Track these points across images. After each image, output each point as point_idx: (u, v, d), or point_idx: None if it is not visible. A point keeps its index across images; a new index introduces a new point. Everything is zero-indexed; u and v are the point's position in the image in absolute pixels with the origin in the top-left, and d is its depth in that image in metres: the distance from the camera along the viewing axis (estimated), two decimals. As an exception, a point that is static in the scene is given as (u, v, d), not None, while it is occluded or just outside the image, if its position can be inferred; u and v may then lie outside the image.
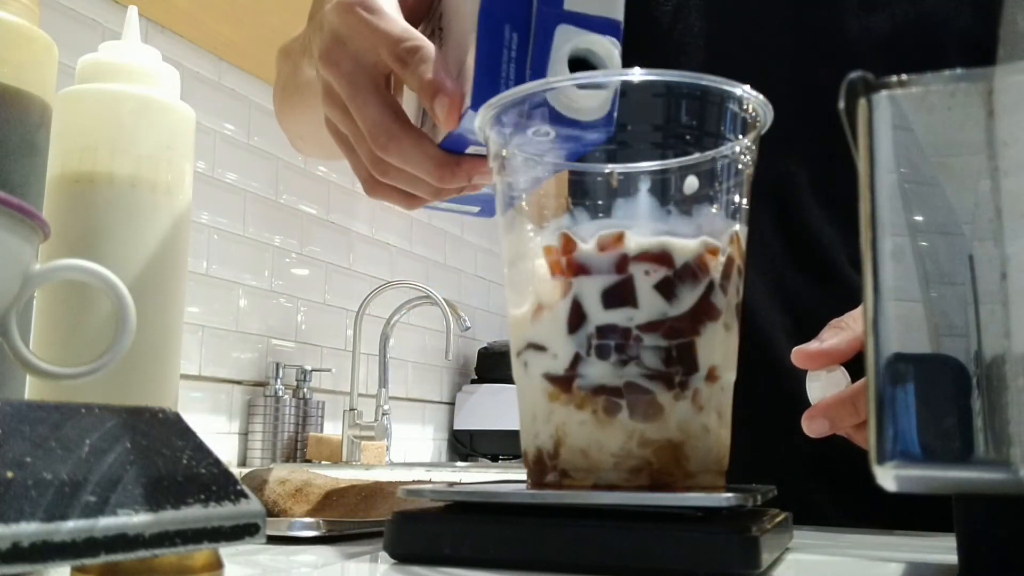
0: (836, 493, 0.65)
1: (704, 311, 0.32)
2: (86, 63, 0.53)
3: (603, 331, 0.32)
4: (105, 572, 0.26)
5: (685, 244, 0.32)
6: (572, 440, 0.33)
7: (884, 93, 0.30)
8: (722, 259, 0.33)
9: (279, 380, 2.33)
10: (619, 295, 0.31)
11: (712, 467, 0.34)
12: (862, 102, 0.31)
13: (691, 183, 0.33)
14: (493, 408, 2.90)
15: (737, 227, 0.34)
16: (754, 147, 0.35)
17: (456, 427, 3.07)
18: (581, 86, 0.33)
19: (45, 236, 0.38)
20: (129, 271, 0.49)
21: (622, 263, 0.31)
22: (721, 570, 0.33)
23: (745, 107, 0.34)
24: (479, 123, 0.36)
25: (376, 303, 2.52)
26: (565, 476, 0.34)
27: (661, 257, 0.31)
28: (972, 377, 0.29)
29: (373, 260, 2.73)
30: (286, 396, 2.33)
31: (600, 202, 0.33)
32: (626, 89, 0.33)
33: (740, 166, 0.35)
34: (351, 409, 2.46)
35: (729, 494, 0.35)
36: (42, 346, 0.49)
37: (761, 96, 0.35)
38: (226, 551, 0.30)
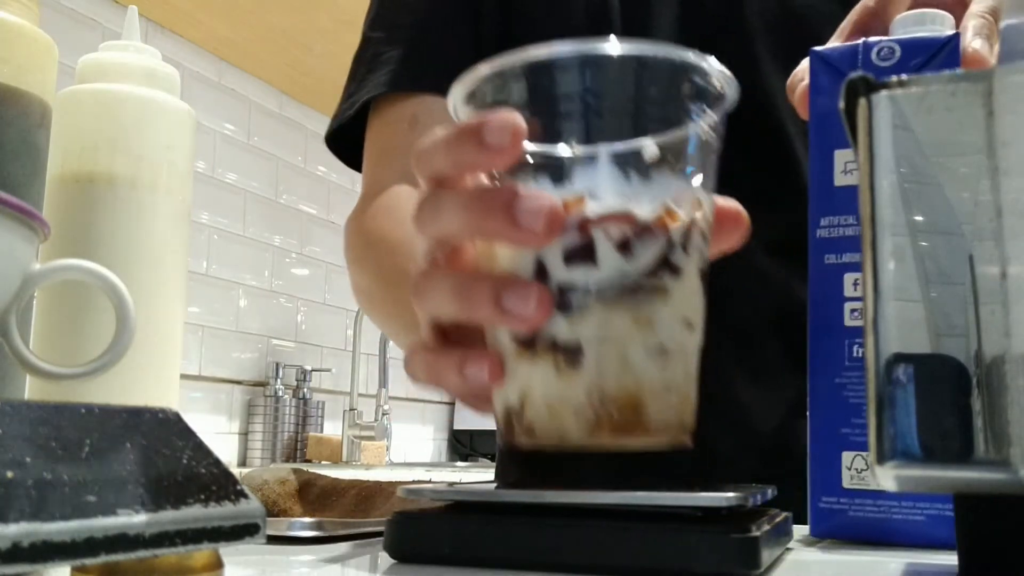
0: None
1: (663, 269, 0.33)
2: (86, 63, 0.53)
3: (564, 289, 0.32)
4: (105, 572, 0.26)
5: (645, 205, 0.33)
6: (537, 396, 0.33)
7: (884, 93, 0.30)
8: (682, 222, 0.33)
9: (279, 380, 2.33)
10: (580, 253, 0.32)
11: (674, 423, 0.34)
12: (862, 102, 0.31)
13: (651, 151, 0.33)
14: (493, 408, 2.89)
15: (699, 195, 0.35)
16: (721, 123, 0.35)
17: (456, 427, 3.07)
18: None
19: (45, 236, 0.38)
20: (129, 271, 0.49)
21: (583, 224, 0.32)
22: (721, 570, 0.33)
23: (710, 81, 0.35)
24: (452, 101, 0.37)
25: (376, 303, 2.51)
26: (532, 434, 0.34)
27: (621, 217, 0.32)
28: (972, 377, 0.29)
29: (373, 260, 2.72)
30: (286, 396, 2.33)
31: (562, 169, 0.33)
32: (595, 60, 0.34)
33: (707, 140, 0.35)
34: (351, 409, 2.46)
35: (729, 494, 0.35)
36: (42, 346, 0.49)
37: (727, 71, 0.35)
38: (226, 551, 0.30)
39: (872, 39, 0.45)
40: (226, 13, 2.06)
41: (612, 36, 0.33)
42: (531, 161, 0.34)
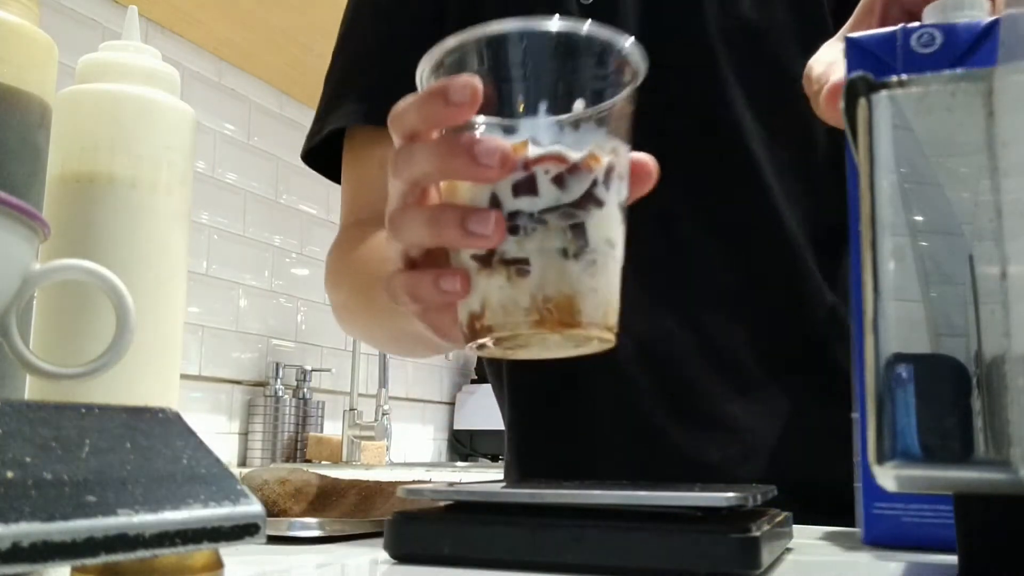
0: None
1: (590, 200, 0.41)
2: (86, 63, 0.53)
3: (513, 215, 0.40)
4: (105, 572, 0.26)
5: (575, 150, 0.41)
6: (494, 301, 0.41)
7: (884, 93, 0.30)
8: (604, 164, 0.41)
9: (279, 380, 2.33)
10: (525, 187, 0.40)
11: (600, 321, 0.41)
12: (862, 102, 0.31)
13: (578, 106, 0.41)
14: (493, 408, 2.89)
15: (616, 144, 0.42)
16: (635, 90, 0.43)
17: (456, 427, 3.07)
18: None
19: (45, 236, 0.38)
20: (129, 271, 0.49)
21: (527, 163, 0.40)
22: (721, 570, 0.33)
23: (627, 54, 0.42)
24: (421, 71, 0.43)
25: (376, 303, 2.51)
26: (490, 331, 0.41)
27: (556, 158, 0.40)
28: (972, 377, 0.29)
29: (373, 260, 2.72)
30: (286, 396, 2.33)
31: (508, 121, 0.42)
32: (537, 35, 0.41)
33: (624, 102, 0.42)
34: (351, 409, 2.46)
35: (729, 494, 0.35)
36: (42, 346, 0.49)
37: (641, 47, 0.41)
38: (226, 551, 0.30)
39: (912, 24, 0.44)
40: (226, 13, 2.06)
41: (555, 16, 0.41)
42: (483, 129, 0.42)
